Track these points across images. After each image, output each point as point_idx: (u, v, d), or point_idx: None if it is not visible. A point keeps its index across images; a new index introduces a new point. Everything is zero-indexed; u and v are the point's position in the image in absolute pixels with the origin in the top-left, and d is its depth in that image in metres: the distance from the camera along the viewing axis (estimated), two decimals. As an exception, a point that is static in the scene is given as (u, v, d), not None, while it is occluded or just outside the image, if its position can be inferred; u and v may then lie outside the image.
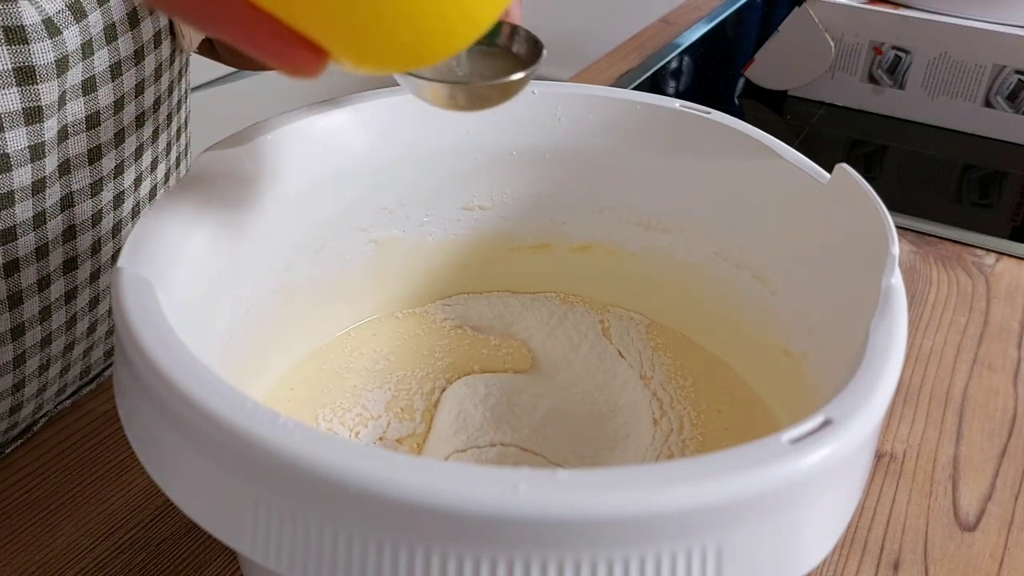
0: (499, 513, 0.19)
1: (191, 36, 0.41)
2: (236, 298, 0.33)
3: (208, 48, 0.49)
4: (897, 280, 0.27)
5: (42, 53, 0.32)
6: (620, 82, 0.81)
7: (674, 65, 0.87)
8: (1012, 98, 0.72)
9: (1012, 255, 0.59)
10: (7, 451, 0.40)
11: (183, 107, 0.44)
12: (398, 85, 0.34)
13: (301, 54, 0.22)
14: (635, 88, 0.79)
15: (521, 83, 0.31)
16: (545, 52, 0.32)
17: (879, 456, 0.42)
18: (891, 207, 0.31)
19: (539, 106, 0.39)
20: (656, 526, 0.19)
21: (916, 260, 0.58)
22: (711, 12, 1.00)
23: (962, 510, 0.40)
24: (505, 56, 0.32)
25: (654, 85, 0.82)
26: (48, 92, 0.33)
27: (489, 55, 0.32)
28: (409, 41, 0.21)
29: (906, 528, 0.39)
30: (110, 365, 0.45)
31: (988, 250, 0.59)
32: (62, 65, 0.33)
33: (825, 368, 0.32)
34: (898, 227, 0.28)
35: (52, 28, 0.32)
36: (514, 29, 0.32)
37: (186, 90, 0.45)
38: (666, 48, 0.89)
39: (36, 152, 0.33)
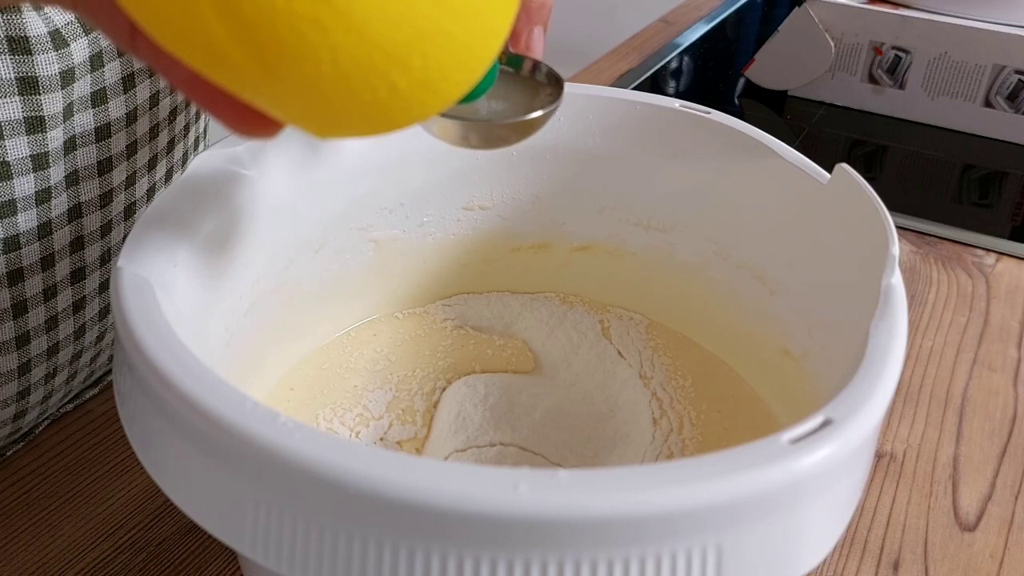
0: (499, 513, 0.19)
1: None
2: (236, 298, 0.32)
3: None
4: (897, 280, 0.27)
5: (46, 65, 0.32)
6: (620, 82, 0.81)
7: (674, 65, 0.87)
8: (1012, 98, 0.72)
9: (1012, 255, 0.59)
10: (8, 453, 0.40)
11: (203, 116, 0.44)
12: None
13: (253, 124, 0.22)
14: (635, 88, 0.79)
15: (540, 122, 0.29)
16: (566, 89, 0.30)
17: (879, 456, 0.42)
18: (891, 207, 0.31)
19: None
20: (656, 526, 0.19)
21: (916, 260, 0.58)
22: (711, 12, 1.00)
23: (962, 510, 0.40)
24: (525, 89, 0.30)
25: (654, 85, 0.82)
26: (51, 103, 0.32)
27: (506, 88, 0.30)
28: (363, 115, 0.20)
29: (906, 528, 0.39)
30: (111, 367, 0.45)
31: (988, 250, 0.59)
32: (67, 77, 0.33)
33: (825, 368, 0.32)
34: (898, 227, 0.28)
35: (59, 40, 0.32)
36: (536, 65, 0.31)
37: None
38: (666, 48, 0.89)
39: (39, 162, 0.33)
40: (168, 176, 0.41)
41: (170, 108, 0.39)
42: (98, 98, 0.35)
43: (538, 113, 0.29)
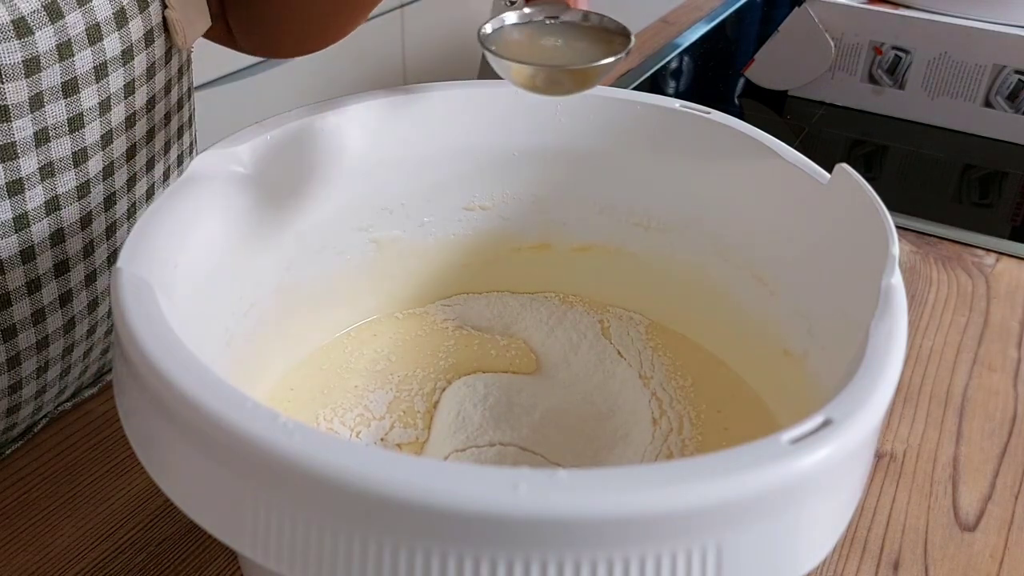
0: (499, 513, 0.19)
1: (185, 32, 0.40)
2: (236, 298, 0.32)
3: (222, 33, 0.49)
4: (897, 280, 0.27)
5: (8, 53, 0.32)
6: (620, 82, 0.81)
7: (674, 65, 0.87)
8: (1012, 98, 0.72)
9: (1012, 255, 0.59)
10: (7, 452, 0.40)
11: (185, 105, 0.44)
12: (398, 85, 0.34)
13: None
14: (635, 88, 0.79)
15: (598, 72, 0.31)
16: (633, 41, 0.32)
17: (879, 456, 0.42)
18: (891, 207, 0.31)
19: (539, 106, 0.39)
20: (656, 526, 0.19)
21: (916, 260, 0.58)
22: (711, 12, 1.00)
23: (962, 510, 0.40)
24: (595, 41, 0.33)
25: (654, 85, 0.82)
26: (15, 92, 0.32)
27: (577, 39, 0.32)
28: None
29: (906, 528, 0.39)
30: (109, 364, 0.45)
31: (988, 250, 0.59)
32: (32, 66, 0.32)
33: (825, 368, 0.32)
34: (898, 227, 0.28)
35: (23, 28, 0.32)
36: (602, 18, 0.33)
37: (188, 88, 0.44)
38: (666, 48, 0.89)
39: (6, 152, 0.33)
40: (150, 164, 0.41)
41: (147, 96, 0.39)
42: (69, 88, 0.34)
43: (601, 62, 0.31)
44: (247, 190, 0.32)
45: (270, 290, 0.35)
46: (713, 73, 0.88)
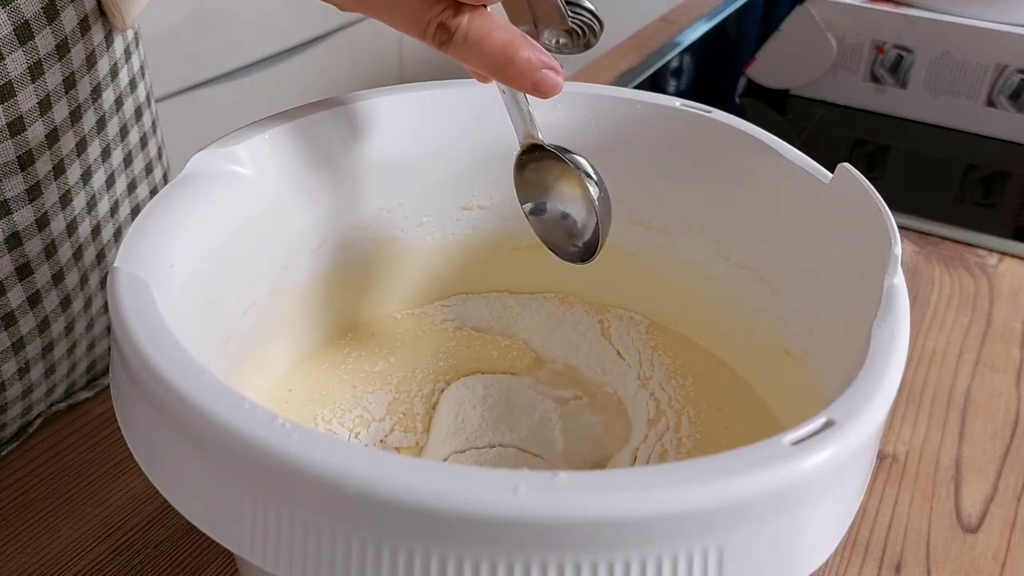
0: (499, 515, 0.19)
1: (123, 13, 0.38)
2: (233, 298, 0.32)
3: None
4: (899, 280, 0.27)
5: None
6: (620, 81, 0.81)
7: (675, 64, 0.87)
8: (1015, 97, 0.72)
9: (1015, 255, 0.59)
10: (2, 454, 0.40)
11: (140, 84, 0.42)
12: (396, 84, 0.35)
13: None
14: (635, 87, 0.79)
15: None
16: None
17: (881, 458, 0.42)
18: (893, 207, 0.30)
19: (539, 106, 0.38)
20: (657, 528, 0.19)
21: (919, 260, 0.58)
22: (712, 11, 1.00)
23: (964, 512, 0.39)
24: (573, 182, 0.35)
25: (655, 84, 0.82)
26: None
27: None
28: None
29: (908, 530, 0.38)
30: (99, 362, 0.45)
31: (991, 250, 0.59)
32: None
33: (827, 369, 0.32)
34: (900, 227, 0.28)
35: None
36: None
37: (141, 66, 0.42)
38: (667, 47, 0.89)
39: None
40: (106, 153, 0.40)
41: (92, 86, 0.37)
42: (5, 93, 0.33)
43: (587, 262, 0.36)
44: (244, 189, 0.32)
45: (268, 290, 0.34)
46: (714, 72, 0.88)
